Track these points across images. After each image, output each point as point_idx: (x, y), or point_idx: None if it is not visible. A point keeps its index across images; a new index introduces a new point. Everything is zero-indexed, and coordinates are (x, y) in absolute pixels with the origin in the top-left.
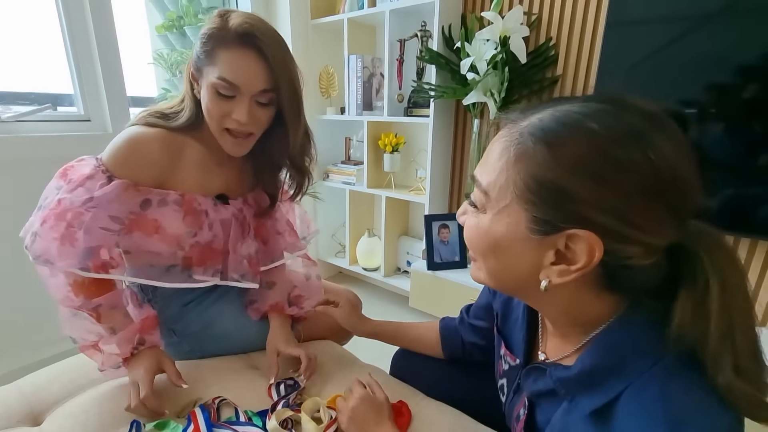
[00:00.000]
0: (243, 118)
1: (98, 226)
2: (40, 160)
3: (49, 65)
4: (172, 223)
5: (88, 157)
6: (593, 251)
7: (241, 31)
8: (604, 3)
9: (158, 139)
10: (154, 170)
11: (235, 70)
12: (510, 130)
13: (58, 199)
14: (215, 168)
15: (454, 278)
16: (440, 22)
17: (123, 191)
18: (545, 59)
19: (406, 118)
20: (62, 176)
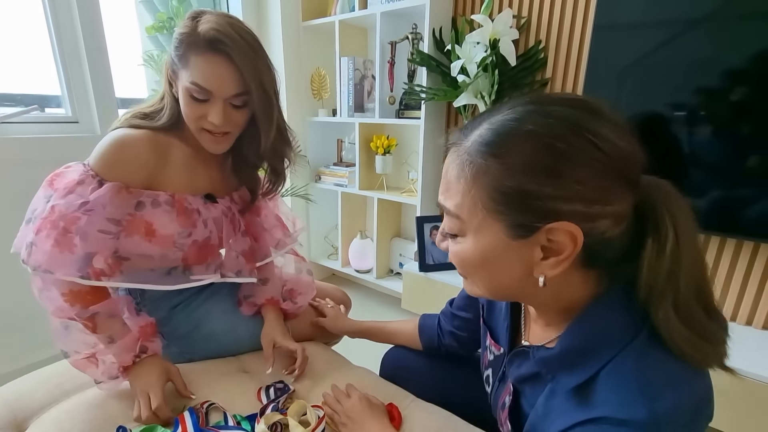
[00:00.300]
0: (218, 120)
1: (96, 229)
2: (26, 163)
3: (36, 66)
4: (166, 225)
5: (74, 164)
6: (575, 237)
7: (209, 37)
8: (591, 6)
9: (145, 141)
10: (144, 171)
11: (207, 76)
12: (458, 153)
13: (51, 206)
14: (201, 168)
15: (446, 280)
16: (431, 25)
17: (116, 194)
18: (535, 62)
19: (398, 120)
20: (50, 185)
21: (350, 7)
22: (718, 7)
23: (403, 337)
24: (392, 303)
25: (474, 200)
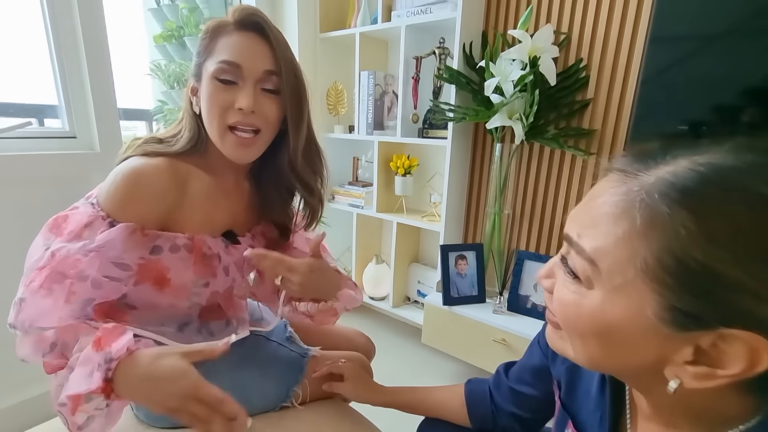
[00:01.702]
0: (247, 101)
1: (102, 274)
2: (20, 182)
3: (33, 73)
4: (181, 273)
5: (81, 203)
6: (758, 358)
7: (239, 16)
8: (642, 20)
9: (162, 170)
10: (161, 207)
11: (237, 50)
12: (627, 185)
13: (50, 252)
14: (222, 200)
15: (472, 315)
16: (461, 39)
17: (128, 236)
18: (575, 81)
19: (422, 139)
20: (52, 229)
21: (372, 19)
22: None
23: (446, 412)
24: (410, 334)
25: (632, 254)
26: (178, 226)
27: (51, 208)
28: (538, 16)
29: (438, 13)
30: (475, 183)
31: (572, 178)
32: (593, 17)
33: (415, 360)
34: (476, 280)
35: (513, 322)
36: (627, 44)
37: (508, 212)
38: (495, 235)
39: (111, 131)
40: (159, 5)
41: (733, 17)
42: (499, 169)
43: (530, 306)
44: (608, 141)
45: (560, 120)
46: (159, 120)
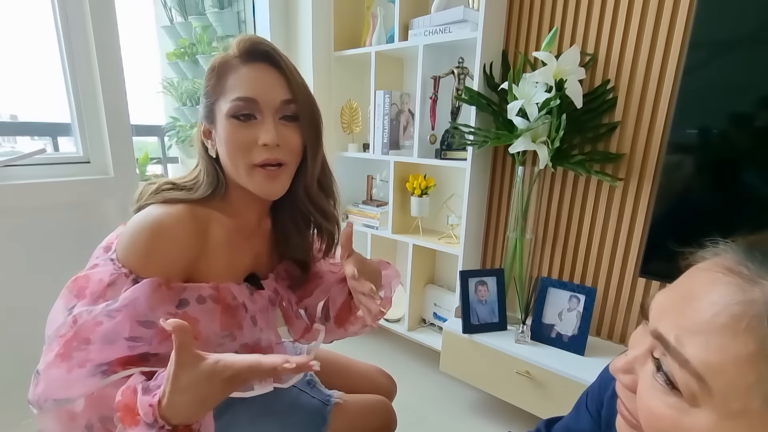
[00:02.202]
0: (271, 136)
1: (126, 336)
2: (34, 210)
3: (46, 90)
4: (208, 325)
5: (101, 260)
6: None
7: (245, 47)
8: (675, 39)
9: (183, 219)
10: (185, 258)
11: (250, 84)
12: (748, 294)
13: (73, 317)
14: (243, 243)
15: (494, 344)
16: (482, 60)
17: (154, 292)
18: (602, 103)
19: (440, 161)
20: (73, 291)
21: (387, 37)
22: None
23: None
24: (427, 358)
25: (759, 379)
26: (201, 276)
27: (66, 236)
28: (562, 36)
29: (457, 32)
30: (494, 206)
31: (598, 204)
32: (621, 37)
33: (434, 388)
34: (497, 306)
35: (537, 353)
36: (658, 64)
37: (530, 237)
38: (516, 261)
39: (125, 155)
40: (172, 23)
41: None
42: (520, 192)
43: (555, 336)
44: (637, 166)
45: (585, 144)
46: (171, 136)
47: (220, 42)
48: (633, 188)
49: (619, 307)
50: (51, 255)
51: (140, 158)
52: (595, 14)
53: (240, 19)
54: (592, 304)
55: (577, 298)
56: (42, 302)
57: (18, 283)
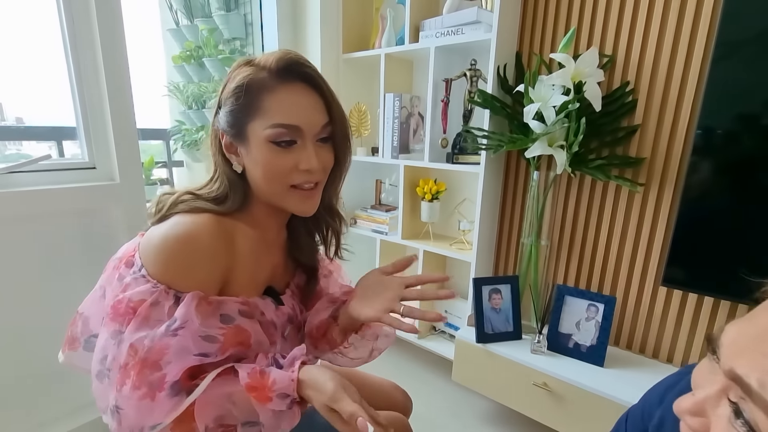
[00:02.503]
0: (314, 163)
1: (192, 353)
2: (40, 217)
3: (52, 93)
4: (258, 339)
5: (130, 279)
6: None
7: (283, 65)
8: (698, 38)
9: (212, 230)
10: (219, 270)
11: (293, 110)
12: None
13: (128, 345)
14: (264, 255)
15: (509, 354)
16: (496, 62)
17: (198, 306)
18: (621, 106)
19: (452, 165)
20: (115, 318)
21: (397, 39)
22: None
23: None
24: (438, 367)
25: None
26: (230, 289)
27: (72, 244)
28: (578, 36)
29: (470, 34)
30: (506, 211)
31: (616, 209)
32: (641, 37)
33: (446, 398)
34: (512, 315)
35: (554, 364)
36: (681, 64)
37: (546, 243)
38: (531, 268)
39: (131, 161)
40: (178, 26)
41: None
42: (536, 197)
43: (572, 346)
44: (658, 170)
45: (603, 148)
46: (177, 140)
47: (226, 45)
48: (654, 193)
49: (639, 317)
50: (57, 263)
51: (145, 162)
52: (614, 14)
53: (247, 22)
54: (611, 314)
55: (596, 306)
56: (50, 311)
57: (25, 292)
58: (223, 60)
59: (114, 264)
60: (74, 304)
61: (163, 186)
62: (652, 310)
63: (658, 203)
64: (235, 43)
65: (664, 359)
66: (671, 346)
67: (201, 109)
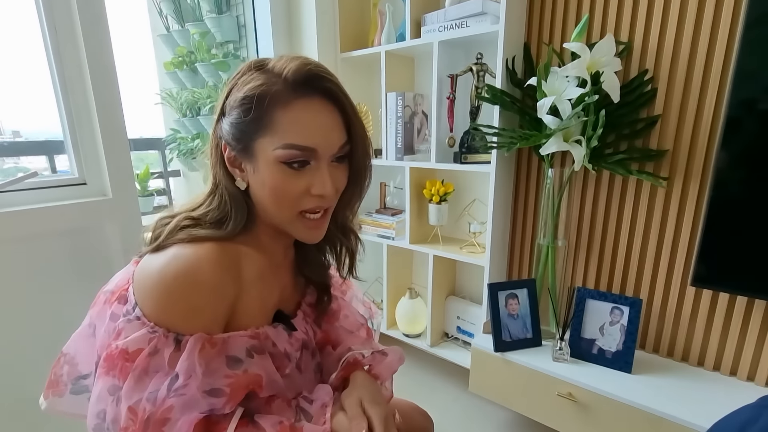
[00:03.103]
0: (328, 189)
1: (199, 410)
2: (29, 237)
3: (39, 108)
4: (272, 377)
5: (123, 323)
6: None
7: (301, 78)
8: (723, 19)
9: (217, 260)
10: (225, 305)
11: (308, 130)
12: None
13: (127, 407)
14: (272, 278)
15: (530, 363)
16: (504, 55)
17: (200, 352)
18: (639, 96)
19: (460, 165)
20: (110, 371)
21: (397, 36)
22: None
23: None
24: (452, 375)
25: None
26: (236, 321)
27: (63, 265)
28: (591, 23)
29: (476, 26)
30: (519, 211)
31: (638, 206)
32: (659, 21)
33: (464, 408)
34: (530, 320)
35: (579, 372)
36: (704, 48)
37: (563, 244)
38: (549, 270)
39: (123, 174)
40: (169, 31)
41: None
42: (551, 196)
43: (596, 352)
44: (682, 162)
45: (620, 141)
46: (173, 149)
47: (219, 48)
48: (678, 187)
49: (665, 318)
50: (47, 287)
51: (141, 173)
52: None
53: (239, 24)
54: (638, 317)
55: (620, 309)
56: (40, 338)
57: (13, 317)
58: (217, 64)
59: (105, 297)
60: (66, 329)
61: (160, 197)
62: (679, 311)
63: (683, 198)
64: (229, 46)
65: (694, 362)
66: (702, 349)
67: (196, 116)
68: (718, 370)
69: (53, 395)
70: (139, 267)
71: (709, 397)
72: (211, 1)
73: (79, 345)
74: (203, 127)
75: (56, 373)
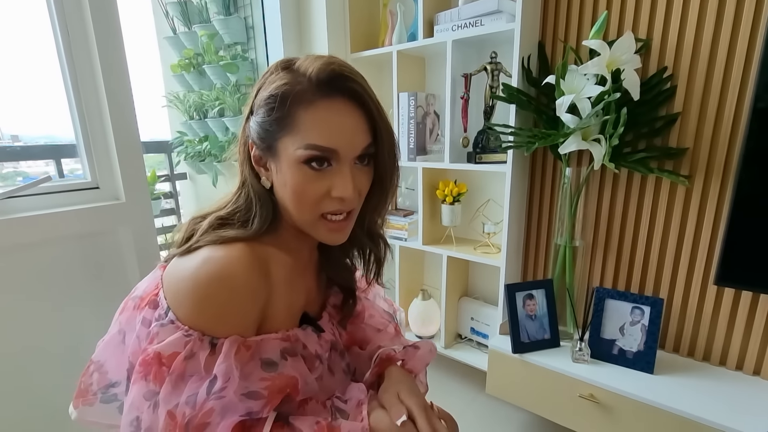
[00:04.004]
0: (348, 192)
1: (238, 413)
2: (41, 243)
3: (47, 111)
4: (307, 380)
5: (158, 327)
6: None
7: (325, 77)
8: (745, 14)
9: (248, 263)
10: (258, 307)
11: (331, 131)
12: None
13: (166, 412)
14: (298, 280)
15: (549, 364)
16: (520, 53)
17: (236, 354)
18: (658, 94)
19: (475, 165)
20: (147, 377)
21: (408, 35)
22: None
23: None
24: (469, 377)
25: None
26: (267, 323)
27: (77, 271)
28: (608, 21)
29: (490, 25)
30: (534, 211)
31: (657, 204)
32: (679, 17)
33: (482, 411)
34: (548, 321)
35: (600, 373)
36: (725, 44)
37: (580, 244)
38: (567, 270)
39: (136, 178)
40: (175, 33)
41: None
42: (569, 195)
43: (617, 352)
44: (703, 160)
45: (639, 139)
46: (180, 152)
47: (227, 50)
48: (699, 185)
49: (686, 317)
50: (60, 293)
51: (148, 177)
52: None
53: (247, 25)
54: (659, 316)
55: (641, 309)
56: (55, 345)
57: (28, 324)
58: (225, 66)
59: (134, 303)
60: (80, 336)
61: (168, 200)
62: (700, 310)
63: (704, 196)
64: (237, 48)
65: (716, 362)
66: (724, 348)
67: (203, 119)
68: (740, 369)
69: (83, 404)
70: (168, 270)
71: (734, 398)
72: (218, 3)
73: (108, 353)
74: (211, 130)
75: (85, 382)
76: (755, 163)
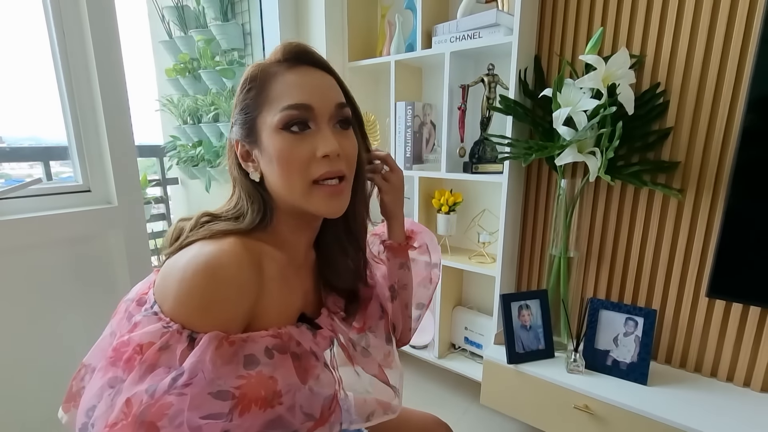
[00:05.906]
0: (332, 146)
1: (201, 414)
2: (31, 246)
3: (37, 112)
4: (287, 382)
5: (140, 316)
6: None
7: (290, 51)
8: (735, 31)
9: (238, 256)
10: (246, 303)
11: (303, 89)
12: None
13: (125, 399)
14: (294, 278)
15: (544, 374)
16: (517, 66)
17: (216, 350)
18: (651, 109)
19: (471, 175)
20: (116, 363)
21: (406, 46)
22: None
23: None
24: (461, 386)
25: None
26: (257, 322)
27: (67, 274)
28: (604, 37)
29: (488, 38)
30: (528, 222)
31: (650, 217)
32: (671, 34)
33: (477, 422)
34: (542, 332)
35: (594, 384)
36: (716, 61)
37: (575, 255)
38: (561, 281)
39: (129, 182)
40: (171, 37)
41: None
42: (564, 206)
43: (611, 363)
44: (695, 174)
45: (632, 153)
46: (172, 156)
47: (223, 56)
48: (690, 199)
49: (678, 329)
50: (50, 298)
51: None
52: (641, 10)
53: (245, 31)
54: (652, 328)
55: (635, 320)
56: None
57: (15, 331)
58: (221, 71)
59: (126, 306)
60: (70, 341)
61: (158, 205)
62: (692, 322)
63: (695, 209)
64: (233, 53)
65: (707, 373)
66: (715, 359)
67: (197, 123)
68: (731, 381)
69: (74, 408)
70: (161, 270)
71: (726, 409)
72: (216, 9)
73: (99, 356)
74: (205, 135)
75: (76, 386)
76: (746, 176)
